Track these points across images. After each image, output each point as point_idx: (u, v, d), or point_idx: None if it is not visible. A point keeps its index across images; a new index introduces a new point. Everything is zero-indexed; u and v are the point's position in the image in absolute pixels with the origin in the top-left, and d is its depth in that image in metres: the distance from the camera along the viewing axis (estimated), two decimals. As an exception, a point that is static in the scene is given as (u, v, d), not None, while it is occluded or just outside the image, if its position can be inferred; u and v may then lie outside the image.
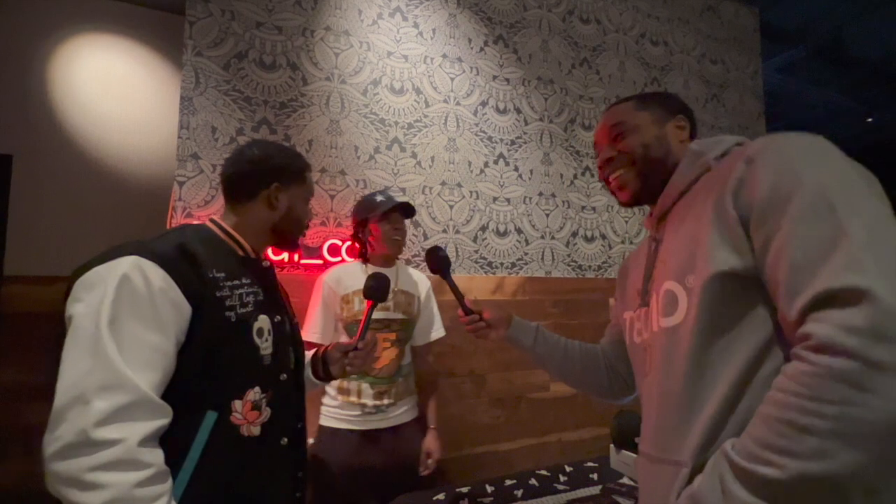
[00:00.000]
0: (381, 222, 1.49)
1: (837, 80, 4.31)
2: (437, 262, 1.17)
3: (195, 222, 0.94)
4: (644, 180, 0.78)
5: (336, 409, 1.43)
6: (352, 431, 1.40)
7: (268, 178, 0.92)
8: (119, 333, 0.65)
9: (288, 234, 0.97)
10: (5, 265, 2.00)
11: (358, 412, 1.41)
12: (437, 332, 1.64)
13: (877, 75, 4.24)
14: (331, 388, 1.46)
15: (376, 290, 1.14)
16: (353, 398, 1.41)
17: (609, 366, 0.98)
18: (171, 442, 0.68)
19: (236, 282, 0.82)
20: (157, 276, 0.71)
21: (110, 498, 0.58)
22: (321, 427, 1.45)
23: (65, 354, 0.65)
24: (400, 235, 1.52)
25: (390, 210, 1.49)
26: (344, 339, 1.45)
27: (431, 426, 1.55)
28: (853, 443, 0.44)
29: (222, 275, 0.80)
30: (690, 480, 0.58)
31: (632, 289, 0.83)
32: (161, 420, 0.67)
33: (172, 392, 0.70)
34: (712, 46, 2.84)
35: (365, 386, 1.42)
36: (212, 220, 0.92)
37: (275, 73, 1.79)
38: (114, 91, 2.26)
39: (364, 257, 1.55)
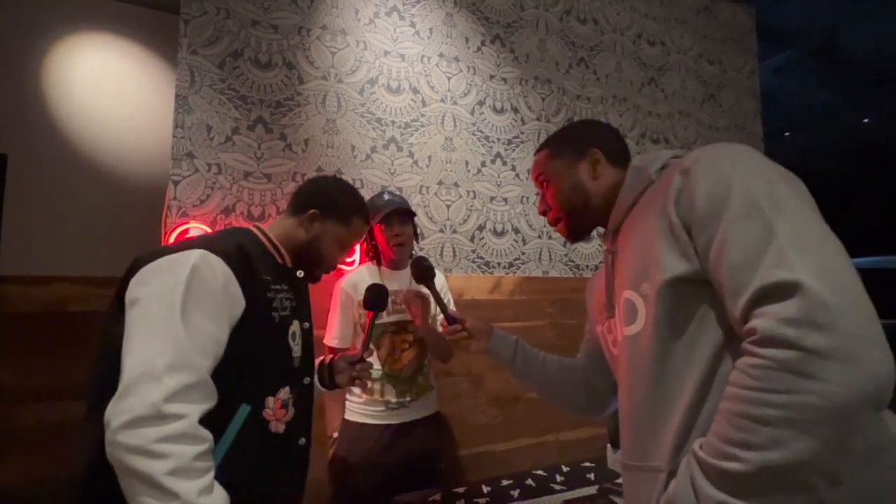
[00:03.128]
0: (382, 226, 1.49)
1: (833, 80, 4.33)
2: (421, 272, 1.21)
3: (241, 227, 0.99)
4: (575, 226, 0.86)
5: (361, 406, 1.47)
6: (375, 426, 1.44)
7: (312, 202, 0.99)
8: (187, 319, 0.70)
9: (308, 262, 1.00)
10: (0, 265, 1.98)
11: (382, 408, 1.45)
12: None
13: (872, 76, 4.26)
14: (356, 388, 1.48)
15: (374, 301, 1.18)
16: (377, 397, 1.45)
17: (586, 381, 0.99)
18: (206, 428, 0.71)
19: (278, 286, 0.89)
20: (221, 270, 0.77)
21: (175, 466, 0.63)
22: (345, 421, 1.48)
23: (134, 332, 0.69)
24: (401, 240, 1.50)
25: (390, 214, 1.48)
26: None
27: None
28: (805, 429, 0.45)
29: (269, 278, 0.87)
30: (668, 485, 0.59)
31: (598, 303, 0.86)
32: (211, 403, 0.72)
33: (214, 381, 0.73)
34: (709, 46, 2.84)
35: (388, 386, 1.46)
36: (256, 227, 0.96)
37: (270, 72, 1.78)
38: (109, 90, 2.25)
39: (377, 260, 1.56)
